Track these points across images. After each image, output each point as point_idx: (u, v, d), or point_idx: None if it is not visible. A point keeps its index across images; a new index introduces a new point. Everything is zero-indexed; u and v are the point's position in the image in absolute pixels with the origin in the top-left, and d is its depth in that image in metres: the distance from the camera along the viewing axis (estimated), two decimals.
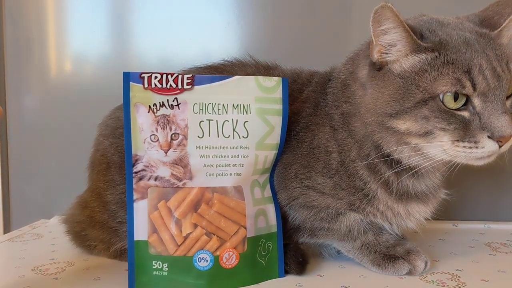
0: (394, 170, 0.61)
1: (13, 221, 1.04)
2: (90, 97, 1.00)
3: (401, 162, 0.61)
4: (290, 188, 0.65)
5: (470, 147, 0.55)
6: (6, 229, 1.02)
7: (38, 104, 1.05)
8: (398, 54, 0.57)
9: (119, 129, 0.69)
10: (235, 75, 0.69)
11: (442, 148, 0.57)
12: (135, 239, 0.58)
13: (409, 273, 0.63)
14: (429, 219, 0.68)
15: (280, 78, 0.62)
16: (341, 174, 0.63)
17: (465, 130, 0.55)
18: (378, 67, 0.59)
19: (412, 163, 0.60)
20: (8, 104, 1.04)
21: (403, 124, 0.57)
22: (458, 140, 0.56)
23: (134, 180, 0.58)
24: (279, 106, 0.62)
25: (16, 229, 0.88)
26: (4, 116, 1.04)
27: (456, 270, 0.64)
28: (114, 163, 0.67)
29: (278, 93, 0.62)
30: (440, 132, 0.56)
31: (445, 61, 0.55)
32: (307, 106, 0.67)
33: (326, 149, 0.64)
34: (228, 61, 0.74)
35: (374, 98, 0.59)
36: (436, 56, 0.55)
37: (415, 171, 0.62)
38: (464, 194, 0.95)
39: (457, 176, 0.93)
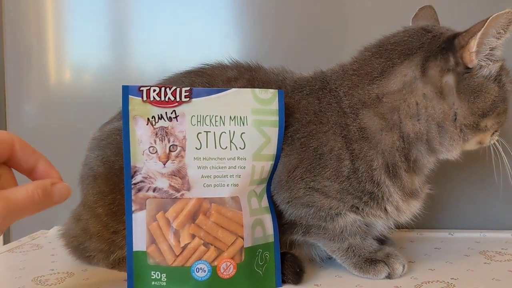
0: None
1: (13, 231, 1.04)
2: (90, 107, 1.01)
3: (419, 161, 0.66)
4: (294, 189, 0.65)
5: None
6: (6, 240, 1.03)
7: (38, 114, 1.06)
8: (494, 60, 0.63)
9: (103, 141, 0.70)
10: (216, 78, 0.70)
11: (488, 139, 0.68)
12: (134, 249, 0.59)
13: (388, 276, 0.65)
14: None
15: (276, 90, 0.63)
16: (351, 181, 0.64)
17: None
18: (467, 73, 0.63)
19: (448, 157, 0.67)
20: (8, 113, 1.05)
21: (490, 122, 0.65)
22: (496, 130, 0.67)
23: (133, 192, 0.59)
24: (275, 118, 0.63)
25: (16, 240, 0.89)
26: (4, 125, 1.05)
27: (451, 278, 0.65)
28: (100, 175, 0.68)
29: (274, 105, 0.63)
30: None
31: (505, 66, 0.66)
32: (304, 112, 0.67)
33: (339, 156, 0.64)
34: (208, 64, 0.75)
35: (471, 101, 0.63)
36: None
37: (419, 167, 0.66)
38: (460, 202, 0.96)
39: (453, 185, 0.94)
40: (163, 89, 0.59)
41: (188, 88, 0.60)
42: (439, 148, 0.65)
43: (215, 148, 0.60)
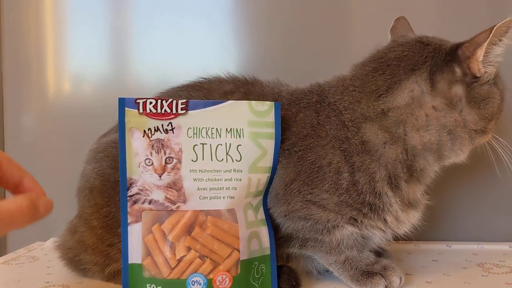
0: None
1: (9, 243, 1.04)
2: (88, 118, 1.01)
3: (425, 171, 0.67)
4: (291, 202, 0.65)
5: None
6: (2, 252, 1.02)
7: (36, 124, 1.06)
8: (495, 65, 0.64)
9: (100, 153, 0.70)
10: (213, 92, 0.71)
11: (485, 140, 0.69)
12: (129, 262, 0.59)
13: None
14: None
15: (273, 102, 0.63)
16: (351, 193, 0.64)
17: None
18: (474, 81, 0.64)
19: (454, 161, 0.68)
20: (6, 124, 1.06)
21: (493, 123, 0.67)
22: None
23: (129, 204, 0.59)
24: (271, 130, 0.63)
25: (12, 252, 0.89)
26: (2, 136, 1.05)
27: None
28: (96, 187, 0.68)
29: (271, 117, 0.63)
30: None
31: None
32: (302, 126, 0.67)
33: (338, 169, 0.64)
34: (205, 78, 0.75)
35: (481, 108, 0.65)
36: None
37: (424, 176, 0.67)
38: (457, 214, 0.96)
39: (451, 197, 0.94)
40: (159, 101, 0.60)
41: (184, 101, 0.60)
42: (449, 154, 0.66)
43: (211, 160, 0.60)
